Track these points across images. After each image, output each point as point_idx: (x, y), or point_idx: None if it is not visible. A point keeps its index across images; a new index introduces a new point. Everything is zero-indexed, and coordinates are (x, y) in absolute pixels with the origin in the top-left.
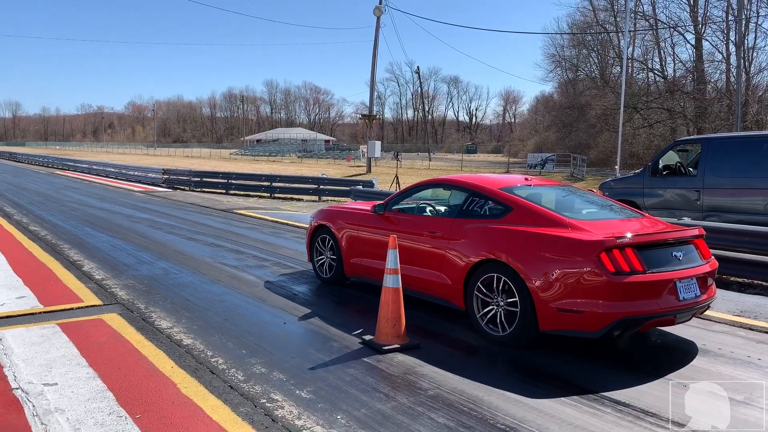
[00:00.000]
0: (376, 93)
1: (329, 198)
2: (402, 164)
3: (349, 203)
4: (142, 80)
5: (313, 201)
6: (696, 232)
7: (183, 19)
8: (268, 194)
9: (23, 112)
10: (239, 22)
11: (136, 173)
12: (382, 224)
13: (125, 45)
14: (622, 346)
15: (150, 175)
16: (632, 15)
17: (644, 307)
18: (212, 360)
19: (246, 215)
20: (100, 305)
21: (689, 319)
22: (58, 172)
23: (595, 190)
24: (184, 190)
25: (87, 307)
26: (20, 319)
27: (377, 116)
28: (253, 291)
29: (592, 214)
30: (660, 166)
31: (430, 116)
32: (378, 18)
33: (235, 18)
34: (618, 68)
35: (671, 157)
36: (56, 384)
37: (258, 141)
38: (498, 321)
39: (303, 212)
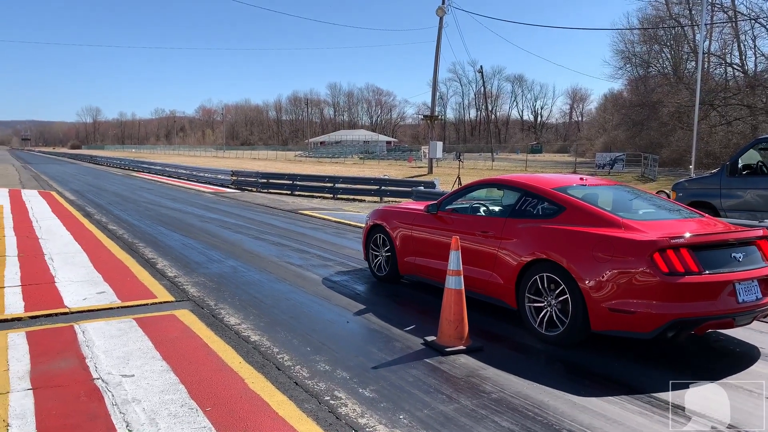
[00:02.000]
0: (438, 93)
1: (391, 199)
2: (464, 165)
3: (404, 203)
4: (212, 85)
5: (375, 202)
6: (760, 233)
7: (250, 25)
8: (331, 195)
9: (102, 117)
10: (304, 27)
11: (206, 175)
12: (435, 224)
13: (195, 51)
14: (690, 347)
15: (219, 176)
16: (709, 7)
17: (700, 308)
18: (278, 356)
19: (310, 216)
20: (172, 301)
21: (750, 322)
22: (134, 174)
23: (662, 194)
24: (251, 191)
25: (161, 303)
26: (100, 313)
27: (439, 116)
28: (317, 289)
29: (649, 214)
30: (739, 166)
31: (493, 116)
32: (441, 18)
33: (300, 23)
34: (693, 63)
35: (752, 156)
36: (133, 375)
37: (321, 143)
38: (550, 320)
39: (365, 213)
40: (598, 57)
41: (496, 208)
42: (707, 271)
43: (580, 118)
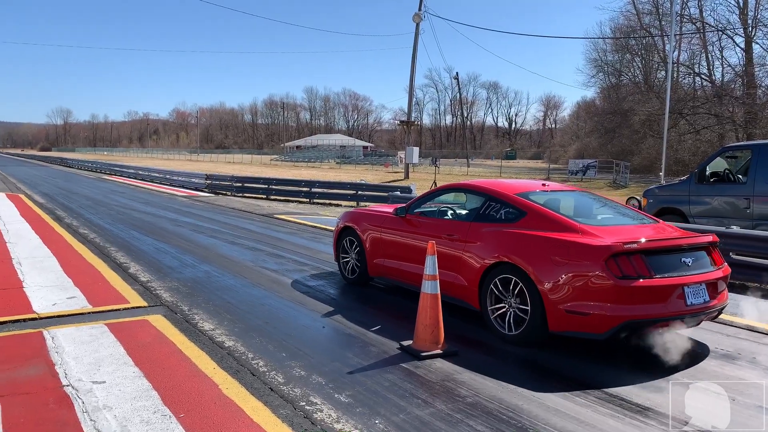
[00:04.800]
0: (414, 99)
1: (368, 204)
2: (440, 170)
3: (375, 206)
4: (186, 88)
5: (352, 206)
6: (709, 239)
7: (225, 28)
8: (308, 200)
9: (74, 119)
10: (280, 31)
11: (180, 178)
12: (403, 226)
13: (169, 54)
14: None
15: (193, 180)
16: (678, 18)
17: (651, 310)
18: (253, 362)
19: (286, 220)
20: (145, 306)
21: (698, 324)
22: (106, 177)
23: (633, 201)
24: (226, 195)
25: (133, 308)
26: (70, 319)
27: (415, 122)
28: (293, 294)
29: (607, 219)
30: (707, 173)
31: (468, 122)
32: (417, 25)
33: (276, 26)
34: (663, 73)
35: (719, 164)
36: (104, 382)
37: (298, 147)
38: (510, 321)
39: None
40: (572, 65)
41: (463, 212)
42: (658, 275)
43: (553, 125)
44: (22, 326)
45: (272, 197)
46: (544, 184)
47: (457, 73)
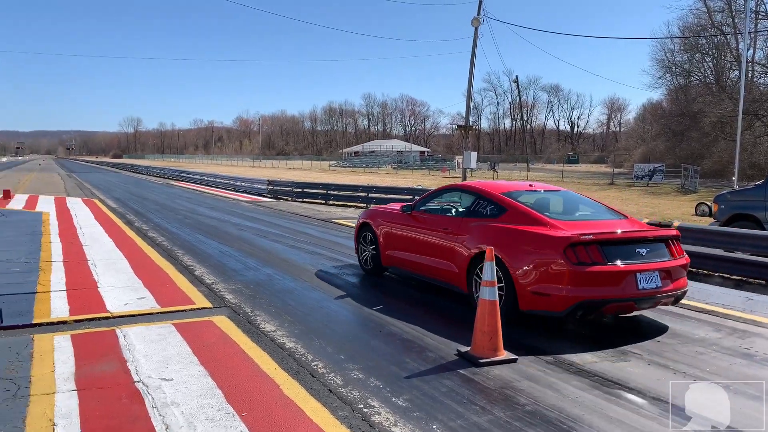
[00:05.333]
0: (472, 103)
1: None
2: (498, 175)
3: (390, 204)
4: (250, 96)
5: None
6: (668, 232)
7: (286, 37)
8: (365, 204)
9: (143, 127)
10: (340, 39)
11: (243, 184)
12: (410, 222)
13: (233, 63)
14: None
15: (256, 185)
16: (753, 15)
17: (603, 292)
18: (312, 364)
19: (344, 225)
20: (210, 308)
21: (653, 306)
22: (173, 182)
23: (703, 206)
24: (286, 200)
25: (199, 309)
26: (141, 318)
27: (473, 126)
28: (351, 299)
29: (579, 215)
30: None
31: (528, 126)
32: (476, 29)
33: (336, 35)
34: (736, 72)
35: None
36: (172, 379)
37: (355, 153)
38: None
39: None
40: (637, 66)
41: (458, 209)
42: (610, 263)
43: (617, 129)
44: (97, 324)
45: (331, 202)
46: (530, 185)
47: (516, 76)
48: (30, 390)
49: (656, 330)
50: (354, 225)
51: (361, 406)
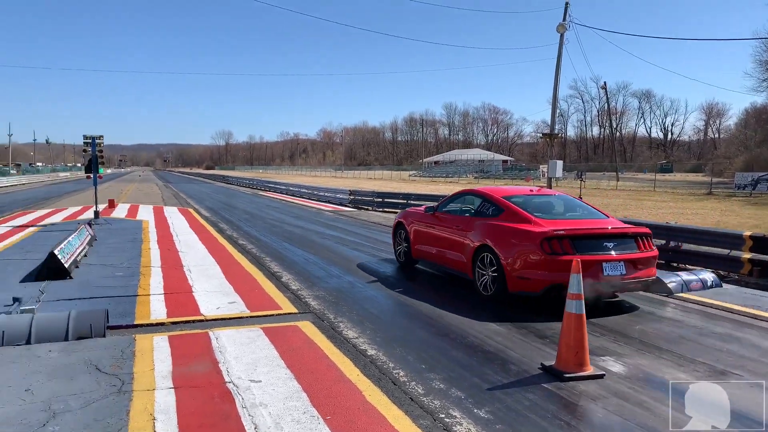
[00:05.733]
0: (558, 111)
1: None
2: (586, 184)
3: (419, 207)
4: (333, 109)
5: None
6: (635, 230)
7: (368, 50)
8: None
9: (234, 140)
10: (421, 50)
11: (325, 194)
12: (433, 221)
13: (319, 77)
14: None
15: (338, 195)
16: None
17: (558, 275)
18: (394, 372)
19: None
20: (295, 313)
21: (621, 290)
22: (261, 192)
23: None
24: (367, 209)
25: (285, 314)
26: (231, 322)
27: (559, 134)
28: (432, 308)
29: (560, 215)
30: None
31: (618, 133)
32: (561, 35)
33: (417, 46)
34: None
35: None
36: (260, 381)
37: (436, 162)
38: (487, 285)
39: None
40: (738, 69)
41: (470, 210)
42: (579, 253)
43: (716, 135)
44: (192, 326)
45: None
46: (531, 190)
47: (605, 82)
48: (132, 386)
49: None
50: None
51: (443, 415)
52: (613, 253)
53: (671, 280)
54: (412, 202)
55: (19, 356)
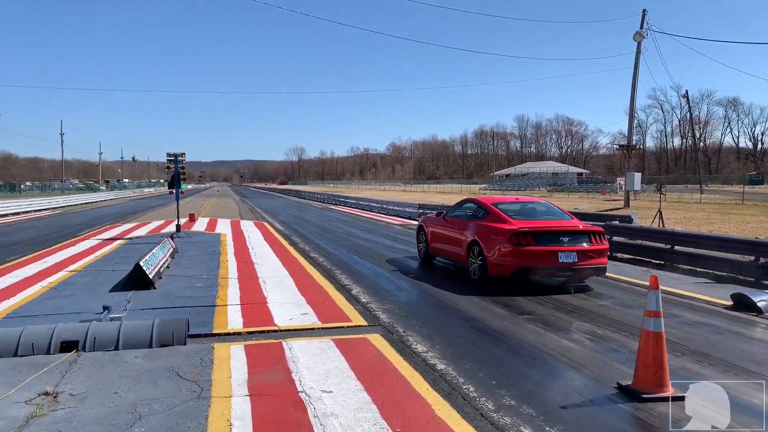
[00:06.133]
0: (635, 121)
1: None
2: (667, 197)
3: (434, 213)
4: (402, 123)
5: None
6: (587, 228)
7: (436, 63)
8: None
9: (306, 155)
10: (490, 62)
11: (395, 208)
12: (443, 223)
13: (388, 93)
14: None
15: (407, 209)
16: None
17: (533, 263)
18: (464, 387)
19: None
20: (365, 326)
21: (572, 275)
22: (332, 206)
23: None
24: None
25: (355, 326)
26: (304, 333)
27: (637, 146)
28: (502, 323)
29: (533, 217)
30: None
31: (701, 144)
32: (639, 43)
33: (486, 58)
34: None
35: None
36: (332, 392)
37: (507, 176)
38: (474, 271)
39: None
40: None
41: (468, 214)
42: (539, 245)
43: None
44: (266, 336)
45: None
46: (517, 198)
47: (686, 90)
48: (211, 392)
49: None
50: None
51: None
52: (567, 245)
53: (761, 299)
54: None
55: (108, 361)
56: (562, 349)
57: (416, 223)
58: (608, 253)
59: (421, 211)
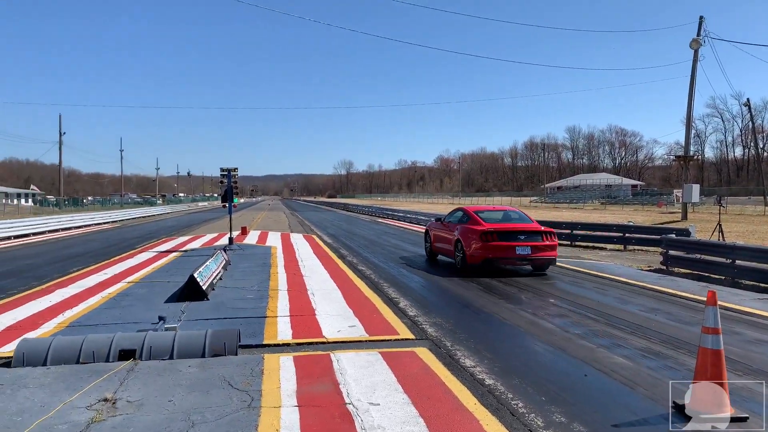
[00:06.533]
0: (693, 131)
1: (637, 247)
2: (727, 210)
3: (434, 220)
4: (450, 136)
5: (618, 250)
6: (540, 228)
7: (484, 75)
8: (569, 242)
9: (354, 169)
10: (540, 74)
11: None
12: (440, 226)
13: (437, 106)
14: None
15: None
16: None
17: (497, 254)
18: (512, 402)
19: None
20: (412, 339)
21: (527, 264)
22: (379, 219)
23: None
24: None
25: (402, 339)
26: (351, 345)
27: (695, 156)
28: (552, 339)
29: (501, 221)
30: None
31: (765, 153)
32: (696, 51)
33: (535, 69)
34: None
35: None
36: (379, 404)
37: (558, 188)
38: (458, 262)
39: (606, 262)
40: None
41: (457, 219)
42: (501, 241)
43: None
44: (315, 348)
45: None
46: (494, 207)
47: (747, 99)
48: (261, 402)
49: None
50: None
51: None
52: (523, 241)
53: None
54: None
55: (164, 369)
56: (617, 366)
57: None
58: (557, 248)
59: None
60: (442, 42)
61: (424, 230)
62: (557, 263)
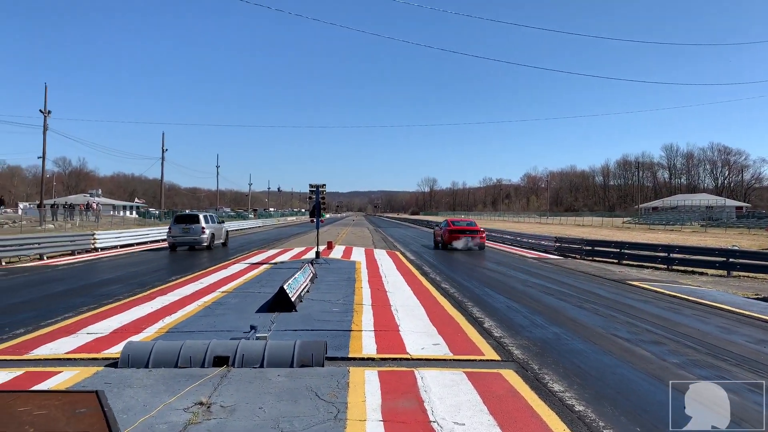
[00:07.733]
0: None
1: (742, 273)
2: None
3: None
4: (537, 153)
5: (720, 276)
6: (476, 229)
7: (573, 93)
8: (665, 266)
9: (438, 186)
10: (635, 90)
11: (529, 240)
12: (438, 229)
13: (523, 123)
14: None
15: (542, 242)
16: None
17: (454, 240)
18: (605, 431)
19: (639, 287)
20: (498, 360)
21: (472, 246)
22: None
23: None
24: (574, 257)
25: (487, 360)
26: (435, 363)
27: None
28: (648, 367)
29: (465, 225)
30: None
31: None
32: None
33: (631, 86)
34: None
35: None
36: (464, 424)
37: (654, 209)
38: (438, 245)
39: (707, 288)
40: None
41: (443, 224)
42: (458, 234)
43: None
44: (399, 364)
45: (624, 262)
46: (463, 218)
47: None
48: (347, 414)
49: None
50: (651, 287)
51: None
52: (468, 234)
53: None
54: (626, 251)
55: (254, 377)
56: (720, 399)
57: (552, 257)
58: (485, 239)
59: (558, 244)
60: (523, 57)
61: (507, 250)
62: (651, 287)
